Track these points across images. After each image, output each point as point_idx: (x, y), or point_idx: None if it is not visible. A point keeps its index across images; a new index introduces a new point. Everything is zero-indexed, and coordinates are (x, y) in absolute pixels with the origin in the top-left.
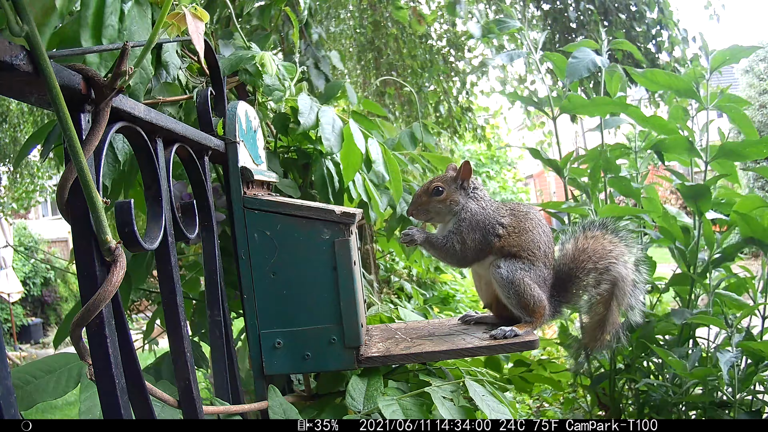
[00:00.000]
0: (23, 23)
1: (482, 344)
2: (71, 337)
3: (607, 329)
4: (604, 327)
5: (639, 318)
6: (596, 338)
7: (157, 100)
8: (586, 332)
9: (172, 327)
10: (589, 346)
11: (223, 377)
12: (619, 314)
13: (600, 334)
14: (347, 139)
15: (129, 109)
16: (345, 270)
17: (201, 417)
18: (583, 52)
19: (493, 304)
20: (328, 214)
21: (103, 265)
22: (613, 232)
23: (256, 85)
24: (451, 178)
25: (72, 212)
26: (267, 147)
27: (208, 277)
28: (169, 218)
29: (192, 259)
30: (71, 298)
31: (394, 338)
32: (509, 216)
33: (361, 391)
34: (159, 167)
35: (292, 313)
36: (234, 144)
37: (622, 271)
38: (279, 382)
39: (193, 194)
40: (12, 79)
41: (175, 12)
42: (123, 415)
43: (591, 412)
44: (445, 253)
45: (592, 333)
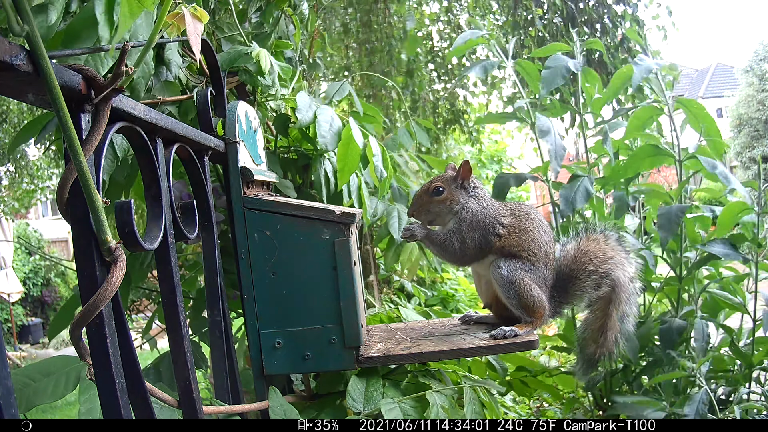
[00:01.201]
0: (23, 23)
1: (482, 344)
2: (71, 337)
3: (608, 334)
4: (605, 332)
5: (631, 327)
6: (600, 344)
7: (157, 100)
8: (588, 342)
9: (172, 327)
10: (596, 353)
11: (223, 377)
12: (617, 319)
13: (603, 339)
14: (346, 139)
15: (129, 109)
16: (345, 270)
17: (201, 417)
18: (556, 59)
19: (493, 304)
20: (328, 214)
21: (103, 265)
22: (615, 239)
23: (256, 84)
24: (451, 177)
25: (72, 212)
26: (267, 147)
27: (208, 277)
28: (169, 218)
29: (192, 258)
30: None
31: (394, 338)
32: (510, 216)
33: (361, 391)
34: (159, 167)
35: (292, 313)
36: (234, 144)
37: (621, 277)
38: (279, 382)
39: (193, 194)
40: (12, 78)
41: (174, 12)
42: (123, 415)
43: (592, 412)
44: (445, 251)
45: (594, 340)
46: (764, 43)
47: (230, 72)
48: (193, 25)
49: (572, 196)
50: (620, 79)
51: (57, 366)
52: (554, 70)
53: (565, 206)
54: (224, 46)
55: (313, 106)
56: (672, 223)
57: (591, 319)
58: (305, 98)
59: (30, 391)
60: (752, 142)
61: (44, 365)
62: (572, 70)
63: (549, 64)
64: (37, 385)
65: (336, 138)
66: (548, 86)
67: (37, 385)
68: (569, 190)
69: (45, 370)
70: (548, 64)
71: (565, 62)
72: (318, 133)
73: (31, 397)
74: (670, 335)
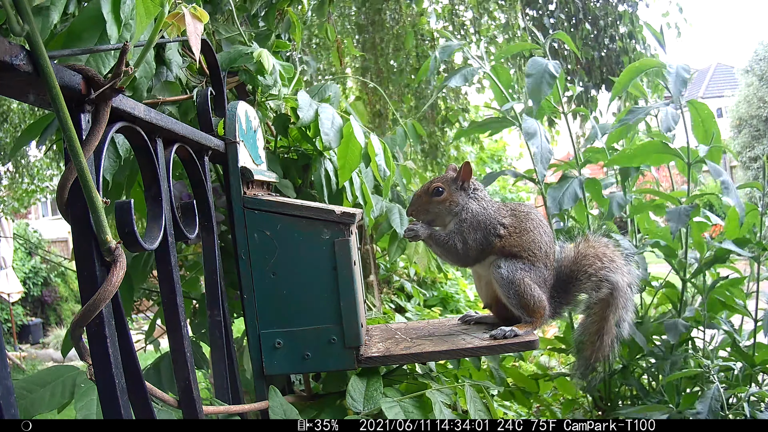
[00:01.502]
0: (24, 23)
1: (482, 344)
2: (71, 337)
3: (604, 338)
4: (602, 336)
5: (626, 333)
6: (596, 348)
7: (157, 100)
8: (586, 346)
9: (172, 327)
10: (592, 357)
11: (223, 377)
12: (614, 323)
13: (599, 343)
14: (347, 136)
15: (129, 109)
16: (345, 270)
17: (201, 417)
18: (536, 63)
19: (493, 305)
20: (328, 214)
21: (103, 265)
22: (616, 245)
23: (256, 84)
24: (452, 178)
25: (72, 212)
26: (267, 147)
27: (208, 277)
28: (169, 218)
29: (192, 259)
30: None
31: (394, 338)
32: (510, 216)
33: (361, 391)
34: (159, 167)
35: (292, 313)
36: (234, 144)
37: (621, 281)
38: (279, 383)
39: (193, 194)
40: (12, 79)
41: (175, 12)
42: (123, 416)
43: (591, 412)
44: (448, 251)
45: (591, 343)
46: (764, 43)
47: (230, 72)
48: (193, 25)
49: (560, 196)
50: (629, 75)
51: (52, 376)
52: (537, 77)
53: (552, 206)
54: (224, 46)
55: (314, 105)
56: (680, 221)
57: (588, 322)
58: (306, 97)
59: (27, 403)
60: (752, 141)
61: (39, 377)
62: (555, 75)
63: (529, 70)
64: (33, 396)
65: (338, 135)
66: (536, 98)
67: (34, 396)
68: (558, 190)
69: (40, 381)
70: (528, 70)
71: (545, 65)
72: (321, 131)
73: (28, 409)
74: (676, 333)
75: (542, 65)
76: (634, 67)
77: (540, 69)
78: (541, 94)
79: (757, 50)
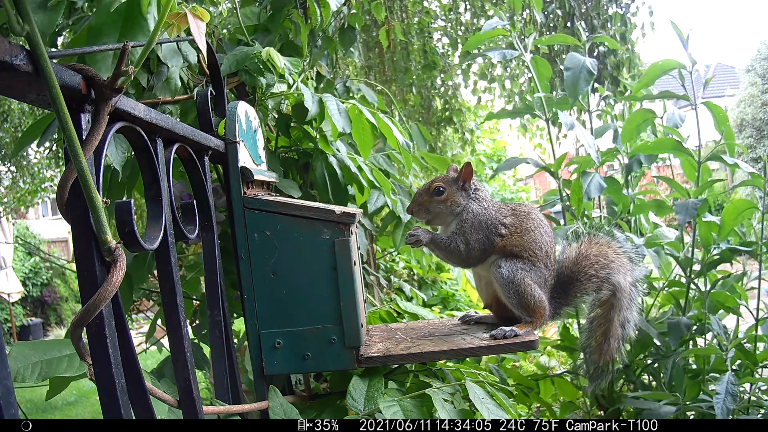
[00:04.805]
0: (23, 23)
1: (482, 344)
2: (71, 337)
3: (611, 341)
4: (608, 339)
5: (632, 333)
6: (604, 351)
7: (157, 100)
8: (593, 350)
9: (172, 327)
10: (600, 360)
11: (223, 377)
12: (619, 325)
13: (607, 346)
14: (355, 117)
15: (129, 109)
16: (345, 270)
17: (201, 417)
18: (574, 59)
19: (494, 305)
20: (328, 214)
21: (103, 265)
22: (619, 245)
23: (256, 84)
24: (453, 179)
25: (72, 212)
26: (267, 147)
27: (208, 277)
28: (169, 218)
29: (192, 259)
30: (71, 298)
31: (394, 338)
32: (511, 216)
33: (362, 391)
34: (159, 167)
35: (292, 313)
36: (234, 144)
37: (622, 282)
38: (279, 383)
39: (193, 194)
40: (12, 79)
41: (175, 12)
42: (123, 415)
43: (590, 412)
44: (450, 254)
45: (598, 347)
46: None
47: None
48: (196, 24)
49: (587, 188)
50: (653, 73)
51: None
52: (575, 72)
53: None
54: (225, 46)
55: (316, 97)
56: (688, 214)
57: (594, 326)
58: (308, 91)
59: (44, 364)
60: (754, 142)
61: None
62: (593, 72)
63: (568, 65)
64: (50, 359)
65: (348, 119)
66: (573, 93)
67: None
68: (584, 181)
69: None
70: (567, 65)
71: (582, 62)
72: (332, 119)
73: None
74: (679, 332)
75: (580, 61)
76: (658, 66)
77: (578, 64)
78: (578, 89)
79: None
